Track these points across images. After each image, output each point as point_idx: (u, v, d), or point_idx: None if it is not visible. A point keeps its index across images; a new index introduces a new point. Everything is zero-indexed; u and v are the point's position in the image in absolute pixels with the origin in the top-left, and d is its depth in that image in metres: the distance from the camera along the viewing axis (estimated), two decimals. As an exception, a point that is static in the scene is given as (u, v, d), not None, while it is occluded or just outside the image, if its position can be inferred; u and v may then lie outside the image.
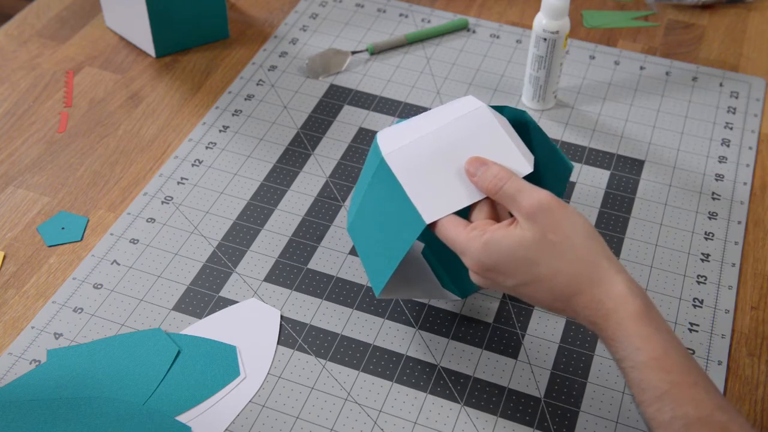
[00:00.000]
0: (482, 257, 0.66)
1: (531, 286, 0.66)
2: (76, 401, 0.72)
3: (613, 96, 1.03)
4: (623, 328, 0.63)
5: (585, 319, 0.65)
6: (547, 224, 0.65)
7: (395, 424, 0.72)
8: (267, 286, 0.82)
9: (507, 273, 0.66)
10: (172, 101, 1.02)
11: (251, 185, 0.92)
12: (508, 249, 0.65)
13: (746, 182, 0.93)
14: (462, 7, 1.17)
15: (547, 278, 0.65)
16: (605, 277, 0.64)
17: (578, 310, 0.65)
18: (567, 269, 0.65)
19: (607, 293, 0.64)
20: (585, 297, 0.64)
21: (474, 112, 0.72)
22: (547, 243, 0.65)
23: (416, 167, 0.70)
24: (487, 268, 0.66)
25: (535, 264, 0.65)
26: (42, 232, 0.87)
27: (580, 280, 0.64)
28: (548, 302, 0.66)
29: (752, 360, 0.78)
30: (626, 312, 0.63)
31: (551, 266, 0.65)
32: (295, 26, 1.13)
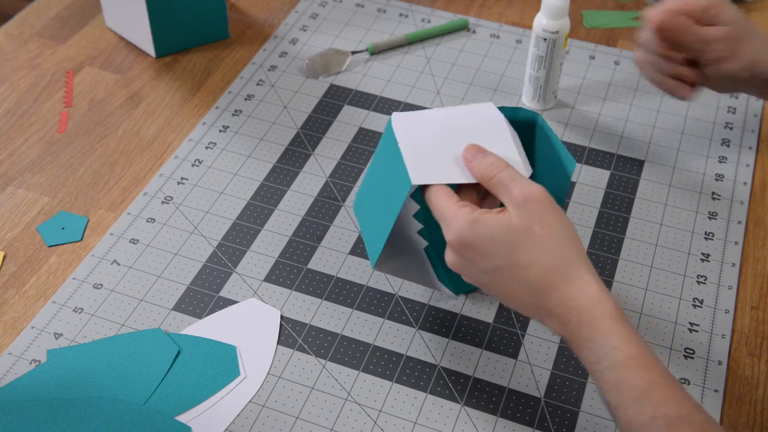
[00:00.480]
0: (465, 232, 0.66)
1: (505, 272, 0.65)
2: (76, 401, 0.72)
3: (613, 96, 1.03)
4: (599, 326, 0.62)
5: (557, 319, 0.64)
6: (534, 215, 0.65)
7: (395, 424, 0.72)
8: (267, 286, 0.82)
9: (485, 253, 0.65)
10: (172, 101, 1.02)
11: (251, 185, 0.92)
12: (492, 229, 0.65)
13: (746, 182, 0.93)
14: (462, 7, 1.17)
15: (523, 266, 0.64)
16: (581, 277, 0.64)
17: (550, 308, 0.64)
18: (545, 261, 0.64)
19: (581, 292, 0.63)
20: (558, 293, 0.64)
21: (488, 112, 0.74)
22: (531, 232, 0.65)
23: (418, 135, 0.72)
24: (467, 245, 0.66)
25: (515, 249, 0.65)
26: (42, 232, 0.87)
27: (556, 275, 0.64)
28: (518, 295, 0.66)
29: (752, 360, 0.78)
30: (601, 311, 0.63)
31: (530, 255, 0.64)
32: (295, 26, 1.13)
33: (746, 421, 0.73)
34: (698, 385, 0.75)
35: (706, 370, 0.76)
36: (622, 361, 0.61)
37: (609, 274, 0.84)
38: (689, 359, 0.77)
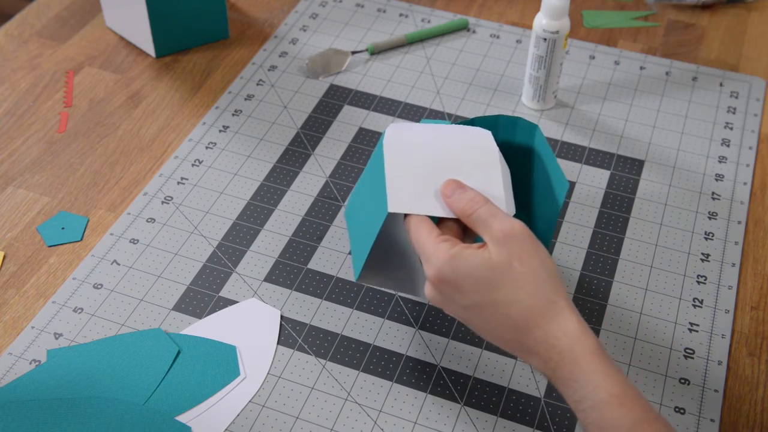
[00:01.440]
0: (445, 268, 0.65)
1: (486, 309, 0.65)
2: (76, 401, 0.72)
3: (613, 96, 1.03)
4: (580, 365, 0.62)
5: (538, 357, 0.64)
6: (514, 252, 0.64)
7: (395, 424, 0.72)
8: (267, 286, 0.82)
9: (465, 290, 0.65)
10: (172, 101, 1.02)
11: (251, 185, 0.92)
12: (472, 266, 0.64)
13: (746, 182, 0.93)
14: (462, 7, 1.17)
15: (503, 304, 0.64)
16: (561, 315, 0.63)
17: (531, 346, 0.64)
18: (525, 300, 0.64)
19: (562, 330, 0.63)
20: (539, 332, 0.63)
21: (484, 141, 0.73)
22: (511, 270, 0.64)
23: (406, 157, 0.71)
24: (446, 281, 0.65)
25: (495, 287, 0.64)
26: (42, 232, 0.87)
27: (536, 314, 0.63)
28: (499, 332, 0.65)
29: (752, 360, 0.78)
30: (582, 349, 0.62)
31: (510, 293, 0.64)
32: (295, 26, 1.13)
33: (746, 421, 0.73)
34: (698, 386, 0.75)
35: (706, 370, 0.76)
36: (604, 400, 0.60)
37: (609, 274, 0.84)
38: (689, 359, 0.77)
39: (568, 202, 0.91)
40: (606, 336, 0.79)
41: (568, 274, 0.84)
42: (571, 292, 0.82)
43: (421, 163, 0.71)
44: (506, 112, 1.01)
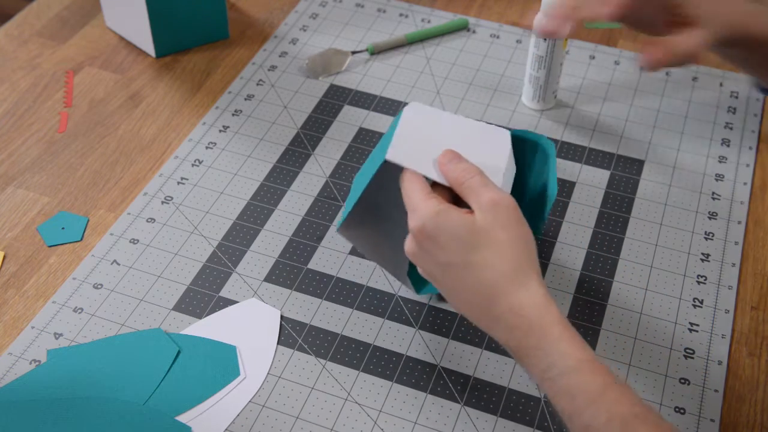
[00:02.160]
0: (429, 222, 0.66)
1: (459, 270, 0.65)
2: (76, 401, 0.72)
3: (613, 96, 1.03)
4: (548, 333, 0.62)
5: (504, 325, 0.64)
6: (498, 220, 0.65)
7: (395, 424, 0.72)
8: (267, 286, 0.82)
9: (443, 247, 0.66)
10: (172, 101, 1.02)
11: (251, 185, 0.92)
12: (454, 224, 0.65)
13: (746, 182, 0.93)
14: (462, 7, 1.17)
15: (478, 267, 0.65)
16: (530, 285, 0.64)
17: (497, 314, 0.64)
18: (499, 266, 0.64)
19: (531, 299, 0.64)
20: (508, 299, 0.64)
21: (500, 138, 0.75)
22: (490, 235, 0.65)
23: (420, 127, 0.73)
24: (428, 235, 0.66)
25: (473, 249, 0.65)
26: (42, 232, 0.87)
27: (507, 281, 0.64)
28: (467, 296, 0.66)
29: (752, 360, 0.78)
30: (549, 318, 0.63)
31: (485, 257, 0.65)
32: (295, 26, 1.13)
33: (746, 421, 0.73)
34: (698, 385, 0.75)
35: (706, 370, 0.76)
36: (573, 366, 0.61)
37: (609, 274, 0.84)
38: (689, 359, 0.77)
39: (567, 202, 0.91)
40: (606, 336, 0.79)
41: (568, 274, 0.84)
42: (570, 292, 0.82)
43: (431, 135, 0.73)
44: (506, 112, 1.01)
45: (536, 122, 0.99)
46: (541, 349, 0.62)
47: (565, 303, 0.81)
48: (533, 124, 0.99)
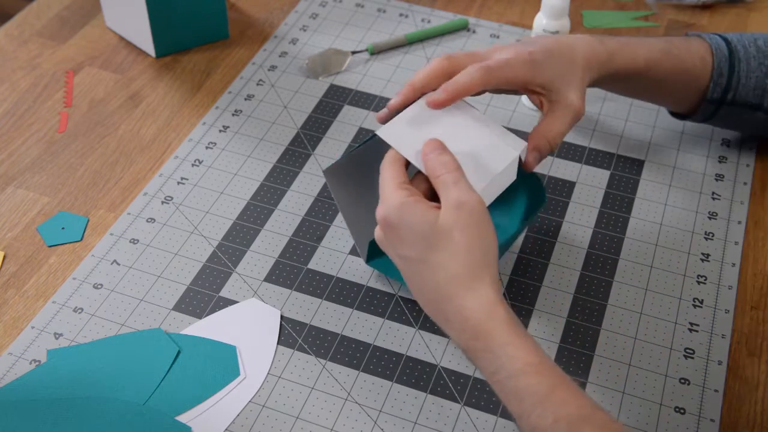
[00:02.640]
0: (392, 213, 0.67)
1: (417, 266, 0.67)
2: (76, 401, 0.72)
3: (613, 96, 1.03)
4: (494, 337, 0.63)
5: (454, 327, 0.65)
6: (460, 221, 0.65)
7: (395, 424, 0.72)
8: (267, 286, 0.82)
9: (404, 240, 0.67)
10: (172, 101, 1.02)
11: (251, 185, 0.92)
12: (416, 219, 0.66)
13: (746, 182, 0.93)
14: (462, 7, 1.17)
15: (433, 267, 0.66)
16: (480, 289, 0.65)
17: (448, 315, 0.65)
18: (453, 269, 0.65)
19: (478, 302, 0.64)
20: (457, 301, 0.65)
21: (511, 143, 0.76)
22: (449, 237, 0.65)
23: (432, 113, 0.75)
24: (390, 226, 0.67)
25: (430, 248, 0.66)
26: (42, 232, 0.87)
27: (459, 284, 0.65)
28: (424, 293, 0.67)
29: (752, 360, 0.78)
30: (497, 320, 0.63)
31: (441, 258, 0.65)
32: (295, 26, 1.13)
33: (746, 421, 0.73)
34: (698, 385, 0.75)
35: (706, 370, 0.76)
36: (520, 369, 0.61)
37: (609, 274, 0.84)
38: (689, 359, 0.77)
39: (567, 202, 0.91)
40: (606, 336, 0.79)
41: (568, 274, 0.84)
42: (570, 292, 0.82)
43: (436, 124, 0.74)
44: (506, 113, 1.01)
45: (536, 122, 0.99)
46: (490, 352, 0.63)
47: (565, 303, 0.81)
48: (533, 124, 0.99)
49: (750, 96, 0.88)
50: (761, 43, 0.88)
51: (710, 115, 0.90)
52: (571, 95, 0.78)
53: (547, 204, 0.90)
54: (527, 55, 0.77)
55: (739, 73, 0.87)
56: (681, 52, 0.86)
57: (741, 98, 0.88)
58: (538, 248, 0.86)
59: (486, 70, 0.75)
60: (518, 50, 0.77)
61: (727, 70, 0.87)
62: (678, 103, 0.92)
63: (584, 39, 0.82)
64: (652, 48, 0.85)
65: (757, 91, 0.87)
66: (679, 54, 0.86)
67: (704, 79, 0.87)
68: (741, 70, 0.87)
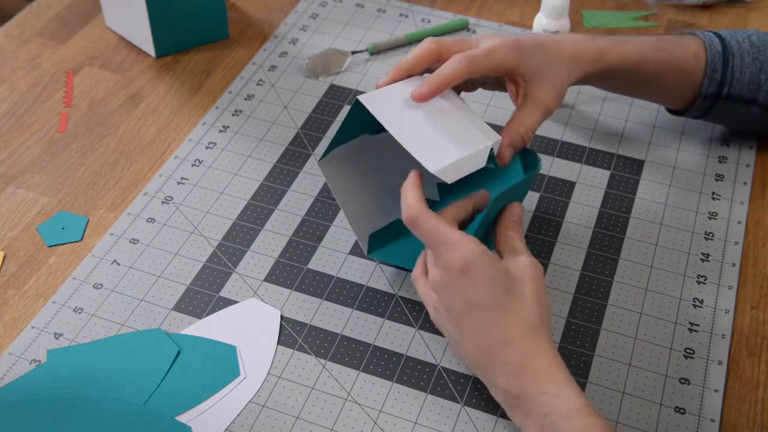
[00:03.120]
0: (475, 258, 0.67)
1: (489, 312, 0.67)
2: (76, 401, 0.72)
3: (613, 96, 1.03)
4: (555, 379, 0.64)
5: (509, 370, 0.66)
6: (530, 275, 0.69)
7: (395, 424, 0.72)
8: (267, 286, 0.82)
9: (479, 286, 0.67)
10: (172, 101, 1.02)
11: (251, 185, 0.92)
12: (496, 267, 0.68)
13: (746, 182, 0.93)
14: (462, 7, 1.17)
15: (506, 312, 0.67)
16: (544, 337, 0.67)
17: (506, 359, 0.66)
18: (524, 315, 0.67)
19: (542, 349, 0.66)
20: (522, 346, 0.66)
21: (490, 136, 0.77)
22: (523, 286, 0.68)
23: None
24: (469, 271, 0.67)
25: (507, 294, 0.67)
26: (42, 232, 0.87)
27: (528, 330, 0.66)
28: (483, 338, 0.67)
29: (752, 360, 0.78)
30: (558, 367, 0.65)
31: (516, 305, 0.67)
32: (295, 26, 1.13)
33: (746, 421, 0.73)
34: (698, 386, 0.75)
35: (706, 370, 0.76)
36: (575, 409, 0.63)
37: (609, 274, 0.84)
38: (689, 359, 0.77)
39: (567, 202, 0.91)
40: (606, 336, 0.79)
41: (568, 274, 0.84)
42: (570, 292, 0.82)
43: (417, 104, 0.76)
44: (506, 113, 1.01)
45: (536, 122, 0.99)
46: (545, 393, 0.64)
47: (565, 303, 0.81)
48: (533, 124, 0.99)
49: (745, 91, 0.88)
50: (755, 39, 0.88)
51: (706, 110, 0.91)
52: (543, 90, 0.79)
53: (546, 203, 0.90)
54: (514, 42, 0.78)
55: (733, 69, 0.87)
56: (673, 49, 0.87)
57: (736, 93, 0.88)
58: (538, 248, 0.86)
59: (469, 59, 0.76)
60: (505, 38, 0.78)
61: (721, 66, 0.87)
62: (672, 99, 0.92)
63: (574, 37, 0.82)
64: (644, 45, 0.85)
65: (751, 86, 0.88)
66: (671, 50, 0.86)
67: (698, 75, 0.88)
68: (735, 65, 0.87)
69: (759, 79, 0.87)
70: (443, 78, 0.75)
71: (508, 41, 0.78)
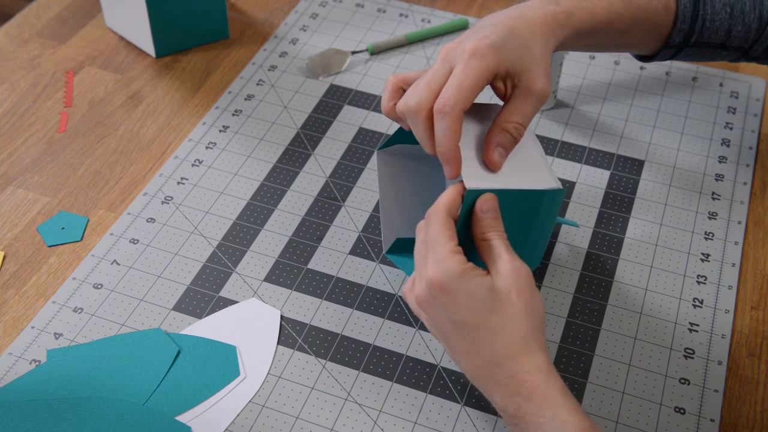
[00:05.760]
0: (453, 280, 0.65)
1: (472, 331, 0.65)
2: (76, 401, 0.72)
3: (613, 96, 1.03)
4: (550, 400, 0.63)
5: (505, 391, 0.64)
6: (516, 286, 0.65)
7: (395, 424, 0.72)
8: (267, 286, 0.82)
9: (460, 306, 0.65)
10: (172, 101, 1.02)
11: (251, 185, 0.92)
12: (476, 286, 0.65)
13: (746, 182, 0.93)
14: (462, 7, 1.17)
15: (491, 330, 0.65)
16: (536, 353, 0.65)
17: (500, 378, 0.64)
18: (511, 331, 0.65)
19: (535, 366, 0.64)
20: (514, 364, 0.64)
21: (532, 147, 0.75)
22: (508, 299, 0.65)
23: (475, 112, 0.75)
24: (447, 291, 0.65)
25: (489, 311, 0.65)
26: (42, 232, 0.87)
27: (516, 347, 0.64)
28: (474, 356, 0.66)
29: (752, 360, 0.78)
30: (554, 385, 0.63)
31: (501, 321, 0.65)
32: (295, 26, 1.13)
33: (746, 421, 0.73)
34: (698, 385, 0.75)
35: (706, 370, 0.76)
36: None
37: (609, 274, 0.84)
38: (689, 359, 0.77)
39: (567, 202, 0.91)
40: (606, 336, 0.79)
41: (568, 274, 0.84)
42: (571, 292, 0.82)
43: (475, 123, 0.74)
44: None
45: (536, 122, 0.99)
46: (541, 416, 0.63)
47: (565, 303, 0.81)
48: (533, 124, 0.99)
49: (713, 37, 0.85)
50: None
51: (671, 56, 0.87)
52: (531, 76, 0.73)
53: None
54: (485, 45, 0.70)
55: (704, 16, 0.83)
56: (642, 1, 0.82)
57: (704, 40, 0.85)
58: (538, 248, 0.86)
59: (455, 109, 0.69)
60: (475, 45, 0.70)
61: (691, 15, 0.83)
62: (638, 48, 0.87)
63: (537, 4, 0.76)
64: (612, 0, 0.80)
65: (720, 32, 0.84)
66: (639, 3, 0.81)
67: (667, 26, 0.84)
68: (706, 12, 0.83)
69: (729, 24, 0.84)
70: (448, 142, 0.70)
71: (479, 48, 0.70)
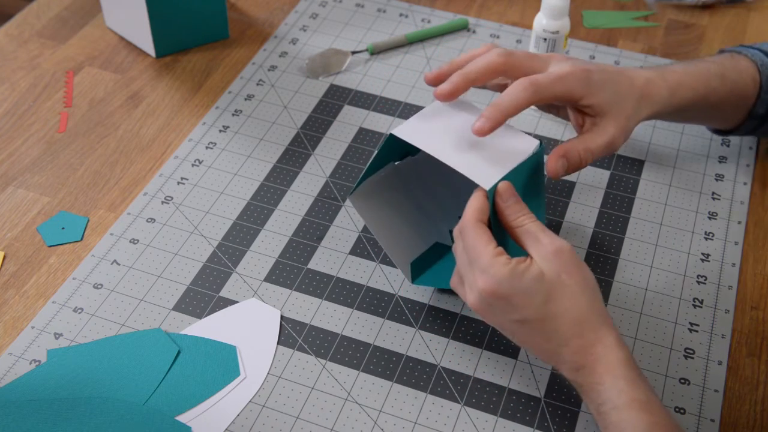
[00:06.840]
0: (504, 284, 0.66)
1: (536, 323, 0.67)
2: (76, 401, 0.72)
3: (613, 96, 1.03)
4: (611, 371, 0.64)
5: (571, 365, 0.66)
6: (562, 266, 0.66)
7: (395, 424, 0.72)
8: (267, 286, 0.82)
9: (518, 306, 0.66)
10: (172, 101, 1.02)
11: (251, 185, 0.92)
12: (527, 283, 0.66)
13: (746, 182, 0.93)
14: (462, 7, 1.17)
15: (553, 317, 0.66)
16: (602, 327, 0.66)
17: (566, 354, 0.66)
18: (572, 311, 0.66)
19: (601, 340, 0.66)
20: (580, 341, 0.66)
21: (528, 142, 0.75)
22: (560, 282, 0.66)
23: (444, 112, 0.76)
24: (502, 296, 0.67)
25: (547, 301, 0.66)
26: (42, 232, 0.87)
27: (581, 325, 0.66)
28: (541, 342, 0.68)
29: (752, 360, 0.78)
30: (616, 357, 0.65)
31: (560, 306, 0.66)
32: (295, 26, 1.13)
33: (746, 421, 0.73)
34: (698, 386, 0.75)
35: (706, 370, 0.76)
36: (626, 403, 0.63)
37: (609, 274, 0.84)
38: (689, 359, 0.77)
39: (567, 202, 0.91)
40: (606, 336, 0.79)
41: (568, 274, 0.84)
42: (571, 292, 0.82)
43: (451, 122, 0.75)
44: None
45: (536, 122, 0.99)
46: (601, 384, 0.65)
47: (565, 303, 0.81)
48: (533, 124, 0.99)
49: None
50: None
51: (754, 129, 0.90)
52: (610, 124, 0.77)
53: (546, 203, 0.90)
54: (584, 72, 0.75)
55: None
56: (734, 75, 0.85)
57: None
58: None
59: (534, 87, 0.73)
60: (576, 65, 0.76)
61: None
62: (723, 122, 0.91)
63: (645, 74, 0.80)
64: (709, 75, 0.84)
65: None
66: (732, 78, 0.85)
67: (752, 98, 0.87)
68: None
69: None
70: (504, 109, 0.72)
71: (578, 70, 0.75)
